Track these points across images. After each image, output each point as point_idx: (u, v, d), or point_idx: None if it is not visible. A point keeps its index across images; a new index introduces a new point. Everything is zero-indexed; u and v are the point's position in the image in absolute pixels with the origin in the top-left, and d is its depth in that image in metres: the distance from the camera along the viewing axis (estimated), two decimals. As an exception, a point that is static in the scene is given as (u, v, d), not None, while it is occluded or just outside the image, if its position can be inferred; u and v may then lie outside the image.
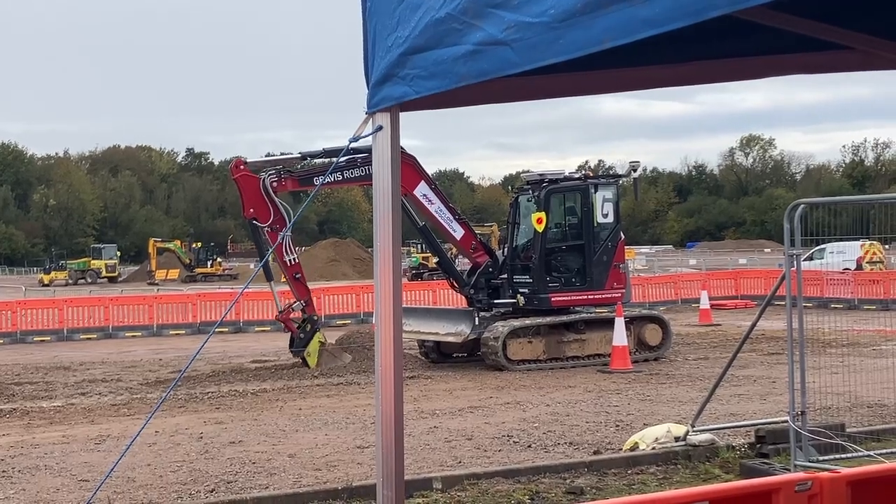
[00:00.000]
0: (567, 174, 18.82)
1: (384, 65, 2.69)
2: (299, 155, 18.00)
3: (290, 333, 18.07)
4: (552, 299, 17.69)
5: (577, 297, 17.92)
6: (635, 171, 19.38)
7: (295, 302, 17.75)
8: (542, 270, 17.81)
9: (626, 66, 3.00)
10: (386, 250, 3.01)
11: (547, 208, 17.95)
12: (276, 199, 17.11)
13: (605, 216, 18.15)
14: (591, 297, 17.97)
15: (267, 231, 17.02)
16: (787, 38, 2.92)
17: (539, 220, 17.82)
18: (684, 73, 3.19)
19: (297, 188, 17.75)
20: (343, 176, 17.62)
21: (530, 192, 18.41)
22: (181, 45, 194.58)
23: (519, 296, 17.84)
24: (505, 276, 18.19)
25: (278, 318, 18.01)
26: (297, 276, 17.67)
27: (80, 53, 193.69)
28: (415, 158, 17.61)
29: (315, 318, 17.91)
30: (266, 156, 21.42)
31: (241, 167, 17.30)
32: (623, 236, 18.79)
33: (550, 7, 2.04)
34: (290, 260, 17.54)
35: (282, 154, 19.80)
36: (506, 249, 18.78)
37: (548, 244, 18.03)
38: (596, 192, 18.13)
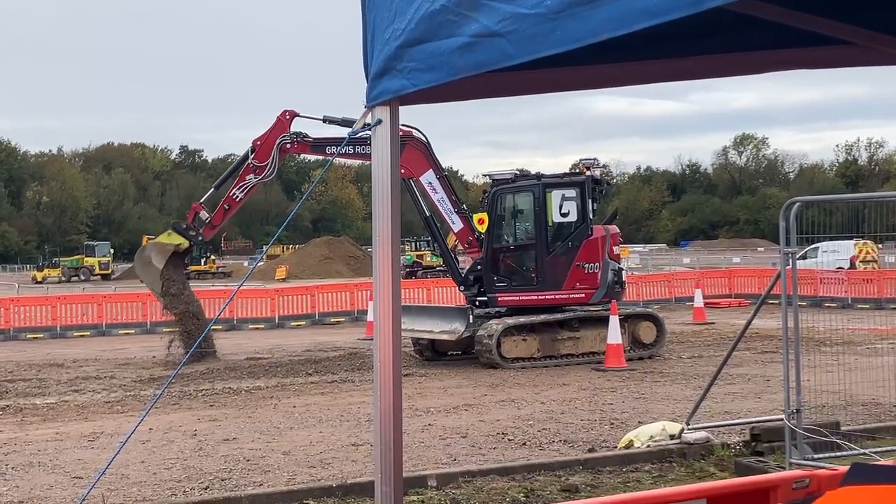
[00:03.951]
0: (516, 174, 18.59)
1: (382, 58, 2.67)
2: (322, 118, 18.36)
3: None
4: (499, 299, 17.65)
5: (528, 298, 17.63)
6: (589, 169, 18.64)
7: (209, 218, 19.04)
8: (488, 271, 17.82)
9: (623, 60, 2.97)
10: (385, 244, 2.98)
11: (492, 209, 17.95)
12: (278, 157, 18.35)
13: (566, 215, 17.81)
14: (545, 297, 17.64)
15: (249, 165, 18.33)
16: (786, 33, 2.90)
17: (480, 221, 17.87)
18: (682, 68, 3.17)
19: (307, 153, 19.39)
20: (354, 150, 17.81)
21: (483, 193, 18.57)
22: (175, 42, 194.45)
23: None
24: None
25: (192, 205, 19.59)
26: (227, 207, 18.86)
27: (74, 50, 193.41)
28: (428, 146, 17.75)
29: (200, 238, 19.27)
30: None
31: (288, 116, 18.33)
32: (593, 234, 17.82)
33: (546, -3, 2.02)
34: (234, 194, 18.70)
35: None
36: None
37: (494, 244, 18.00)
38: (550, 191, 17.85)
